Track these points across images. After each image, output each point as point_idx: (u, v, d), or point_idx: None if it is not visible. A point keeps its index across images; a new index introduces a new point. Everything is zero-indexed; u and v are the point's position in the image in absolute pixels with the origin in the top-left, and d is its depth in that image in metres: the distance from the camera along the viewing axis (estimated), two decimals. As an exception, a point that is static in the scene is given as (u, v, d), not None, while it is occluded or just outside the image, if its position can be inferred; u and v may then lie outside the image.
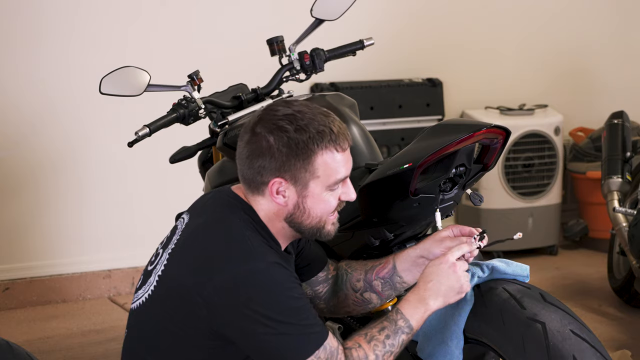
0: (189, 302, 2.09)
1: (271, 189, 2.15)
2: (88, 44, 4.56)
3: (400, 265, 2.37)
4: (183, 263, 2.15)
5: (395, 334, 2.16)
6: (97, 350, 3.98)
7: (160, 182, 4.70)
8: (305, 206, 2.17)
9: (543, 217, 5.22)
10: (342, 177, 2.18)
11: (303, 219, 2.19)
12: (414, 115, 5.10)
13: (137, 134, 2.81)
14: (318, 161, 2.13)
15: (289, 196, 2.16)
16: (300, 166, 2.13)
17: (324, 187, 2.16)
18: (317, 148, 2.13)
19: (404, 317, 2.17)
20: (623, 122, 4.31)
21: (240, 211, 2.18)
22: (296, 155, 2.12)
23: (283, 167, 2.13)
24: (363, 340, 2.14)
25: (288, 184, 2.15)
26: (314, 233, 2.22)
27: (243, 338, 2.08)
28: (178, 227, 2.25)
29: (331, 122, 2.16)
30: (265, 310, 2.04)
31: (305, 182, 2.15)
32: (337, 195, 2.19)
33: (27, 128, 4.51)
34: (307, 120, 2.14)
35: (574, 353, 2.06)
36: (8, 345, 2.21)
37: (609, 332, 4.02)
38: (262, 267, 2.07)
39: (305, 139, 2.12)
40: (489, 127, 2.31)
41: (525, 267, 2.28)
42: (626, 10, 5.77)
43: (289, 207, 2.17)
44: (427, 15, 5.30)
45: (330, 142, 2.14)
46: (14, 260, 4.55)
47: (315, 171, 2.14)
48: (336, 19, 2.98)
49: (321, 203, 2.17)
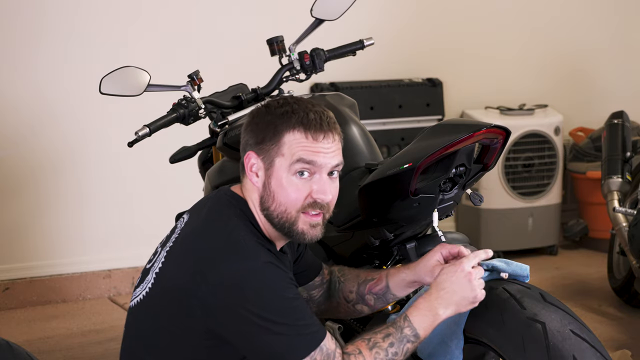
0: (184, 301, 2.09)
1: (246, 164, 2.17)
2: (88, 43, 4.56)
3: (393, 285, 2.37)
4: (179, 262, 2.15)
5: (400, 342, 2.13)
6: (97, 350, 3.98)
7: (160, 182, 4.70)
8: (271, 188, 2.15)
9: (543, 217, 5.22)
10: (306, 159, 2.12)
11: (270, 204, 2.15)
12: (414, 115, 5.10)
13: (137, 134, 2.81)
14: (286, 139, 2.13)
15: (260, 175, 2.17)
16: (269, 140, 2.14)
17: (287, 167, 2.13)
18: (285, 125, 2.13)
19: (411, 325, 2.14)
20: (623, 122, 4.31)
21: (238, 210, 2.18)
22: (267, 129, 2.14)
23: (256, 139, 2.16)
24: (365, 347, 2.11)
25: (258, 158, 2.16)
26: (285, 228, 2.16)
27: (238, 338, 2.08)
28: (178, 226, 2.25)
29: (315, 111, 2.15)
30: (260, 310, 2.04)
31: (272, 158, 2.14)
32: (306, 187, 2.14)
33: (27, 128, 4.51)
34: (291, 103, 2.17)
35: (574, 353, 2.06)
36: (8, 345, 2.21)
37: (609, 332, 4.02)
38: (257, 266, 2.07)
39: (279, 113, 2.15)
40: (489, 127, 2.30)
41: (525, 267, 2.28)
42: (626, 10, 5.78)
43: (259, 188, 2.17)
44: (427, 15, 5.30)
45: (299, 123, 2.13)
46: (14, 260, 4.55)
47: (281, 147, 2.13)
48: (336, 19, 2.98)
49: (283, 188, 2.14)
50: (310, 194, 2.14)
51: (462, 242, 2.60)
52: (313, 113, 2.14)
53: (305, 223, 2.16)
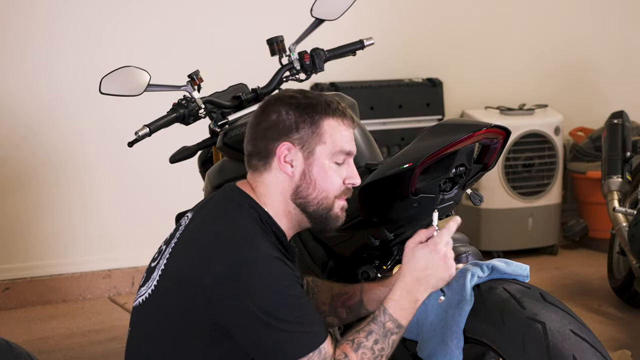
0: (190, 293, 2.10)
1: (279, 156, 2.17)
2: (88, 43, 4.56)
3: (367, 301, 2.36)
4: (185, 255, 2.16)
5: (385, 337, 2.12)
6: (97, 350, 3.98)
7: (160, 182, 4.70)
8: (312, 176, 2.17)
9: (543, 217, 5.22)
10: (347, 150, 2.20)
11: (309, 192, 2.18)
12: (414, 115, 5.10)
13: (137, 133, 2.82)
14: (325, 126, 2.18)
15: (296, 165, 2.18)
16: (308, 128, 2.17)
17: (329, 154, 2.18)
18: (324, 114, 2.18)
19: (392, 318, 2.13)
20: (623, 122, 4.31)
21: (246, 205, 2.18)
22: (304, 116, 2.17)
23: (291, 129, 2.17)
24: (350, 349, 2.10)
25: (296, 149, 2.17)
26: (320, 215, 2.20)
27: (240, 331, 2.08)
28: (182, 224, 2.26)
29: (338, 101, 2.23)
30: (263, 304, 2.04)
31: (312, 147, 2.17)
32: (342, 174, 2.20)
33: (27, 128, 4.51)
34: (316, 94, 2.22)
35: (574, 353, 2.06)
36: (8, 345, 2.21)
37: (609, 332, 4.02)
38: (263, 260, 2.07)
39: (314, 102, 2.18)
40: (489, 127, 2.30)
41: (525, 267, 2.28)
42: (626, 10, 5.78)
43: (295, 178, 2.18)
44: (428, 15, 5.30)
45: (337, 111, 2.20)
46: (14, 260, 4.55)
47: (322, 135, 2.17)
48: (336, 19, 2.98)
49: (326, 174, 2.18)
50: (344, 180, 2.21)
51: (462, 242, 2.60)
52: (338, 103, 2.22)
53: (339, 207, 2.22)
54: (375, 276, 2.54)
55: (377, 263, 2.61)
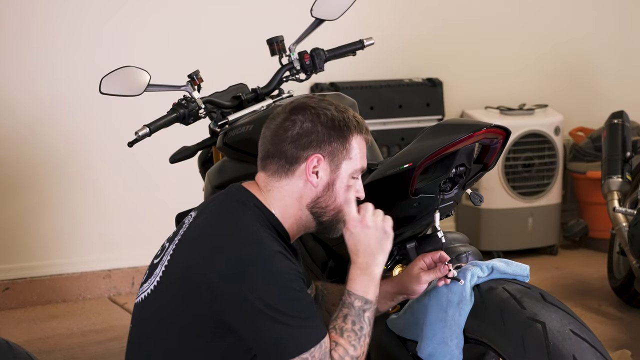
0: (193, 290, 2.11)
1: (308, 165, 2.19)
2: (88, 43, 4.56)
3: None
4: (189, 253, 2.17)
5: (359, 316, 2.14)
6: (97, 350, 3.98)
7: (160, 182, 4.70)
8: (335, 188, 2.22)
9: (543, 217, 5.22)
10: (364, 167, 2.27)
11: (329, 204, 2.22)
12: (414, 115, 5.10)
13: (137, 133, 2.82)
14: (353, 142, 2.23)
15: (321, 176, 2.21)
16: (339, 143, 2.21)
17: (351, 171, 2.23)
18: (353, 130, 2.23)
19: (358, 296, 2.16)
20: (623, 122, 4.31)
21: (251, 204, 2.19)
22: (337, 131, 2.21)
23: (324, 142, 2.20)
24: (336, 336, 2.13)
25: (325, 161, 2.20)
26: (331, 224, 2.25)
27: (244, 326, 2.09)
28: (185, 222, 2.26)
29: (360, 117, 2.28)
30: (267, 299, 2.05)
31: (339, 162, 2.21)
32: (354, 188, 2.25)
33: (27, 128, 4.51)
34: (344, 107, 2.26)
35: (574, 353, 2.06)
36: (8, 345, 2.21)
37: (609, 332, 4.02)
38: (266, 254, 2.09)
39: (345, 117, 2.22)
40: (489, 127, 2.30)
41: (525, 267, 2.28)
42: (626, 10, 5.78)
43: (318, 188, 2.21)
44: (428, 15, 5.30)
45: (363, 129, 2.25)
46: (14, 260, 4.55)
47: (350, 151, 2.22)
48: (336, 19, 2.98)
49: (346, 189, 2.23)
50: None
51: (462, 242, 2.59)
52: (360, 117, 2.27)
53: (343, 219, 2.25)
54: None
55: (377, 263, 2.60)
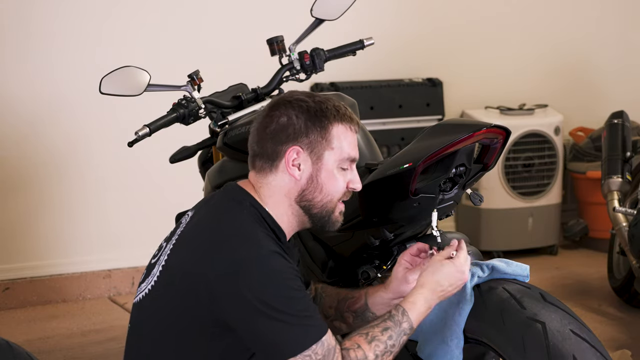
0: (191, 288, 2.11)
1: (287, 159, 2.19)
2: (88, 43, 4.56)
3: (371, 304, 2.39)
4: (186, 251, 2.17)
5: (399, 335, 2.16)
6: (97, 350, 3.98)
7: (160, 182, 4.70)
8: (319, 180, 2.20)
9: (543, 217, 5.22)
10: (353, 156, 2.24)
11: (315, 195, 2.21)
12: (414, 115, 5.10)
13: (137, 133, 2.82)
14: (334, 131, 2.20)
15: (303, 169, 2.20)
16: (317, 133, 2.19)
17: (337, 160, 2.21)
18: (333, 119, 2.21)
19: (409, 320, 2.17)
20: (623, 122, 4.31)
21: (247, 203, 2.19)
22: (314, 122, 2.19)
23: (301, 133, 2.19)
24: (363, 341, 2.13)
25: (304, 153, 2.19)
26: (323, 217, 2.24)
27: (241, 325, 2.09)
28: (182, 222, 2.27)
29: (345, 106, 2.25)
30: (265, 298, 2.05)
31: (321, 152, 2.20)
32: (346, 178, 2.23)
33: (27, 128, 4.51)
34: (323, 98, 2.23)
35: (574, 353, 2.06)
36: (8, 345, 2.21)
37: (609, 332, 4.02)
38: (264, 254, 2.09)
39: (323, 107, 2.20)
40: (489, 127, 2.30)
41: (525, 267, 2.28)
42: (626, 10, 5.77)
43: (302, 181, 2.20)
44: (428, 15, 5.30)
45: (345, 117, 2.23)
46: (14, 260, 4.55)
47: (331, 141, 2.20)
48: (336, 19, 2.98)
49: (333, 179, 2.21)
50: (347, 184, 2.25)
51: (462, 242, 2.59)
52: (345, 108, 2.24)
53: (339, 210, 2.26)
54: (375, 276, 2.55)
55: (377, 263, 2.61)
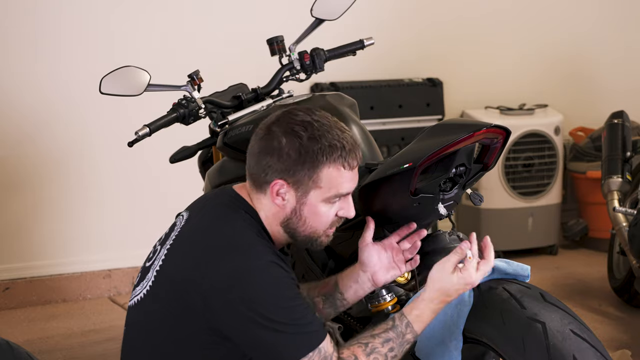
0: (186, 297, 2.10)
1: (272, 188, 2.17)
2: (88, 43, 4.56)
3: (341, 282, 2.41)
4: (181, 259, 2.16)
5: (401, 346, 2.16)
6: (97, 350, 3.98)
7: (160, 182, 4.70)
8: (302, 214, 2.19)
9: (543, 217, 5.22)
10: (343, 193, 2.20)
11: (298, 226, 2.20)
12: (414, 115, 5.10)
13: (137, 133, 2.82)
14: (324, 173, 2.16)
15: (288, 200, 2.18)
16: (305, 174, 2.15)
17: (322, 198, 2.18)
18: (325, 160, 2.15)
19: (413, 331, 2.17)
20: (623, 122, 4.31)
21: (242, 211, 2.19)
22: (303, 163, 2.14)
23: (288, 171, 2.15)
24: (361, 353, 2.12)
25: (289, 187, 2.17)
26: (307, 242, 2.24)
27: (239, 335, 2.09)
28: (177, 224, 2.26)
29: (345, 138, 2.18)
30: (261, 308, 2.05)
31: (306, 190, 2.17)
32: (335, 209, 2.21)
33: (27, 128, 4.51)
34: (323, 132, 2.15)
35: (574, 353, 2.06)
36: (8, 345, 2.21)
37: (609, 332, 4.02)
38: (260, 265, 2.08)
39: (316, 148, 2.14)
40: (489, 127, 2.30)
41: (526, 267, 2.28)
42: (626, 10, 5.77)
43: (286, 210, 2.19)
44: (428, 15, 5.30)
45: (339, 157, 2.16)
46: (14, 260, 4.55)
47: (319, 182, 2.16)
48: (336, 19, 2.98)
49: (317, 215, 2.19)
50: (336, 213, 2.22)
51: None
52: (345, 141, 2.17)
53: (327, 236, 2.25)
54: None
55: (377, 263, 2.60)
